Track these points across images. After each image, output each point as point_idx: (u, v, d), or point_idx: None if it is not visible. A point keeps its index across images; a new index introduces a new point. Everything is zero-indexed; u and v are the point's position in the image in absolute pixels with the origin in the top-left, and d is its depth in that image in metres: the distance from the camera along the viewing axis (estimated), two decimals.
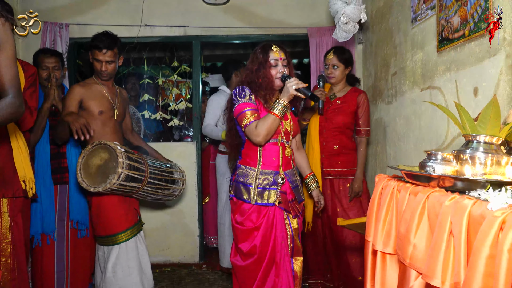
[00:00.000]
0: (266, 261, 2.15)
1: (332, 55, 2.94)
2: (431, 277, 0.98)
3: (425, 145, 2.45)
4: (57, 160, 2.82)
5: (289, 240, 2.18)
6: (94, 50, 2.58)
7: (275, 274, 2.17)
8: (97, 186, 2.35)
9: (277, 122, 2.09)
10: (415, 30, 2.54)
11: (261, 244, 2.14)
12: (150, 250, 3.72)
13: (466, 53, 1.99)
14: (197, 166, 3.87)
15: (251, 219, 2.16)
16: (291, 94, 2.05)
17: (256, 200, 2.14)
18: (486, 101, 1.58)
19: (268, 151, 2.18)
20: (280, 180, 2.17)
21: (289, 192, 2.21)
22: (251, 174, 2.17)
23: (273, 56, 2.16)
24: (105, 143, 2.40)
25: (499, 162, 1.13)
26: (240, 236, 2.18)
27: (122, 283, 2.51)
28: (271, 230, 2.16)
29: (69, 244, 2.84)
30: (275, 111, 2.07)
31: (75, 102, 2.55)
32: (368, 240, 1.41)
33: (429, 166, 1.21)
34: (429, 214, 1.08)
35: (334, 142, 2.94)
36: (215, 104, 3.39)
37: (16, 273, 2.25)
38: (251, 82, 2.19)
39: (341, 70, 2.94)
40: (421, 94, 2.48)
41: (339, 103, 2.96)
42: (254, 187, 2.15)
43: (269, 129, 2.07)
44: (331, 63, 2.93)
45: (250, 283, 2.16)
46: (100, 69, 2.60)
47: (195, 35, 3.85)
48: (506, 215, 0.81)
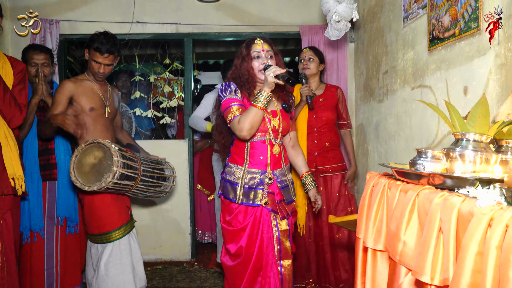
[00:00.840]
0: (253, 263, 2.09)
1: (308, 49, 3.06)
2: (421, 274, 0.99)
3: (415, 143, 2.47)
4: (46, 156, 2.80)
5: (275, 242, 2.11)
6: (95, 52, 2.53)
7: (262, 276, 2.11)
8: (91, 185, 2.33)
9: (260, 114, 2.00)
10: (406, 29, 2.56)
11: (247, 245, 2.08)
12: (142, 248, 3.70)
13: (457, 52, 2.01)
14: (189, 163, 3.86)
15: (238, 219, 2.11)
16: (270, 82, 1.96)
17: (242, 200, 2.09)
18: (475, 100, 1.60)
19: (256, 150, 2.12)
20: (267, 180, 2.10)
21: (277, 193, 2.15)
22: (238, 172, 2.11)
23: (255, 48, 2.11)
24: (99, 141, 2.38)
25: (488, 160, 1.14)
26: (227, 236, 2.14)
27: (115, 280, 2.49)
28: (257, 231, 2.10)
29: (58, 241, 2.82)
30: (257, 103, 1.98)
31: (65, 98, 2.52)
32: (359, 237, 1.42)
33: (419, 164, 1.22)
34: (419, 212, 1.09)
35: (325, 140, 3.00)
36: (209, 100, 3.39)
37: (5, 272, 2.23)
38: (236, 78, 2.15)
39: (316, 63, 3.03)
40: (412, 92, 2.50)
41: (322, 100, 3.03)
42: (240, 186, 2.09)
43: (253, 122, 1.99)
44: (307, 56, 3.02)
45: (238, 284, 2.12)
46: (98, 70, 2.58)
47: (187, 32, 3.84)
48: (494, 212, 0.83)
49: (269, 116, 2.13)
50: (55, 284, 2.80)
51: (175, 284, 3.31)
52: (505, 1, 1.67)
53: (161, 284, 3.32)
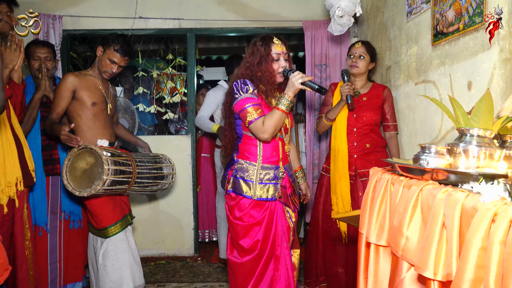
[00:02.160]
0: (266, 256, 2.14)
1: (360, 45, 2.77)
2: (424, 269, 0.99)
3: (419, 138, 2.46)
4: (49, 151, 2.81)
5: (291, 233, 2.20)
6: (115, 53, 2.58)
7: (274, 268, 2.16)
8: (82, 191, 2.37)
9: (284, 118, 2.04)
10: (410, 24, 2.54)
11: (263, 239, 2.13)
12: (144, 243, 3.75)
13: (461, 47, 2.00)
14: (192, 159, 3.87)
15: (251, 214, 2.13)
16: (296, 88, 1.98)
17: (257, 195, 2.11)
18: (479, 95, 1.60)
19: (269, 146, 2.14)
20: (281, 174, 2.17)
21: (289, 186, 2.22)
22: (251, 169, 2.13)
23: (275, 50, 2.10)
24: (91, 147, 2.39)
25: (492, 155, 1.14)
26: (240, 232, 2.14)
27: (113, 276, 2.52)
28: (272, 225, 2.15)
29: (62, 235, 2.84)
30: (282, 107, 2.00)
31: (68, 92, 2.54)
32: (362, 232, 1.42)
33: (422, 159, 1.22)
34: (422, 207, 1.09)
35: (366, 141, 2.74)
36: (212, 98, 3.41)
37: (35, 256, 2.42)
38: (251, 76, 2.13)
39: (367, 62, 2.77)
40: (416, 88, 2.49)
41: (366, 99, 2.77)
42: (255, 182, 2.12)
43: (276, 126, 2.02)
44: (357, 52, 2.75)
45: (249, 279, 2.15)
46: (111, 69, 2.62)
47: (189, 27, 3.83)
48: (498, 207, 0.82)
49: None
50: (58, 279, 2.82)
51: (179, 279, 3.33)
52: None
53: (164, 279, 3.34)
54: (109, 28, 3.70)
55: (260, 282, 2.16)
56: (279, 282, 2.14)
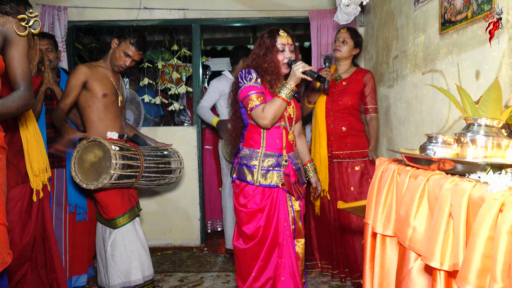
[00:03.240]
0: (269, 243, 2.18)
1: (345, 30, 2.95)
2: (430, 259, 0.99)
3: (426, 128, 2.45)
4: (54, 144, 2.82)
5: (291, 222, 2.22)
6: (131, 46, 2.60)
7: (278, 256, 2.20)
8: (89, 183, 2.40)
9: (284, 106, 2.10)
10: (417, 13, 2.51)
11: (265, 225, 2.17)
12: (152, 234, 3.77)
13: (469, 35, 1.97)
14: (198, 150, 3.88)
15: (255, 201, 2.18)
16: (298, 77, 2.06)
17: (260, 182, 2.16)
18: (488, 84, 1.58)
19: (272, 134, 2.20)
20: (284, 162, 2.19)
21: (292, 174, 2.23)
22: (255, 156, 2.19)
23: (280, 41, 2.16)
24: (100, 140, 2.41)
25: (500, 145, 1.13)
26: (244, 219, 2.21)
27: (120, 266, 2.54)
28: (274, 212, 2.19)
29: (67, 228, 2.87)
30: (283, 95, 2.08)
31: (80, 82, 2.55)
32: (368, 222, 1.42)
33: (429, 149, 1.21)
34: (429, 197, 1.08)
35: (342, 124, 2.91)
36: (214, 88, 3.43)
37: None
38: (257, 67, 2.19)
39: (350, 47, 2.93)
40: (423, 77, 2.47)
41: (345, 84, 2.93)
42: (258, 169, 2.17)
43: (276, 113, 2.09)
44: (341, 37, 2.92)
45: (253, 265, 2.20)
46: (125, 63, 2.64)
47: (194, 18, 3.81)
48: (505, 197, 0.82)
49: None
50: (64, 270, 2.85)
51: (185, 269, 3.36)
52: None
53: (171, 268, 3.37)
54: (114, 19, 3.69)
55: (265, 269, 2.20)
56: (283, 270, 2.19)
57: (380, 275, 1.35)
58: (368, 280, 1.44)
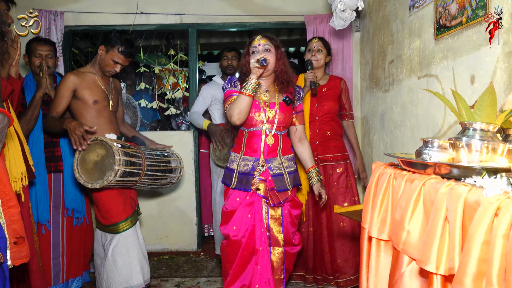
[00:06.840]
0: (243, 246, 2.21)
1: (318, 40, 3.06)
2: (426, 263, 0.99)
3: (421, 133, 2.46)
4: (51, 148, 2.82)
5: (266, 228, 2.24)
6: (119, 54, 2.59)
7: (255, 262, 2.22)
8: (94, 183, 2.38)
9: (247, 100, 2.13)
10: (413, 18, 2.53)
11: (237, 227, 2.22)
12: (148, 239, 3.76)
13: (464, 40, 1.98)
14: (194, 154, 3.87)
15: (231, 203, 2.25)
16: (253, 68, 2.12)
17: (236, 185, 2.24)
18: (482, 89, 1.58)
19: (251, 138, 2.25)
20: (260, 167, 2.22)
21: (269, 180, 2.24)
22: (235, 160, 2.27)
23: (253, 44, 2.26)
24: (101, 139, 2.40)
25: (495, 149, 1.13)
26: (222, 218, 2.29)
27: (122, 271, 2.53)
28: (247, 215, 2.23)
29: (64, 231, 2.85)
30: (244, 90, 2.13)
31: (69, 91, 2.55)
32: (364, 227, 1.42)
33: (425, 153, 1.22)
34: (425, 201, 1.08)
35: (327, 128, 3.01)
36: (205, 93, 3.48)
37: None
38: (240, 73, 2.32)
39: (324, 55, 3.04)
40: (418, 82, 2.48)
41: (325, 90, 3.05)
42: (236, 172, 2.25)
43: (240, 109, 2.13)
44: (316, 46, 3.02)
45: (229, 267, 2.25)
46: (114, 69, 2.63)
47: (191, 23, 3.82)
48: (501, 201, 0.82)
49: (266, 107, 2.25)
50: (61, 273, 2.84)
51: (182, 274, 3.34)
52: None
53: (167, 273, 3.35)
54: (111, 24, 3.69)
55: (240, 274, 2.24)
56: (259, 277, 2.20)
57: (375, 279, 1.35)
58: (364, 284, 1.44)
